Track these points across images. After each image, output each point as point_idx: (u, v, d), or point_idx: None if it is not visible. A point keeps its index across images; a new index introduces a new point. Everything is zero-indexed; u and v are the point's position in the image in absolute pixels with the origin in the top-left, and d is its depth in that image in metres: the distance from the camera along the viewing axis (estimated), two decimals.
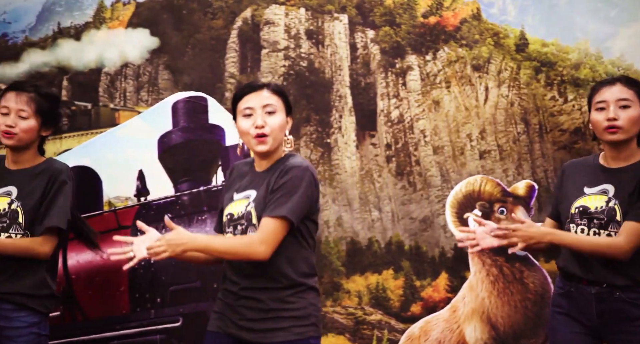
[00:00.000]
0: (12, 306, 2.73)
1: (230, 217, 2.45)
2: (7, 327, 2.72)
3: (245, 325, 2.41)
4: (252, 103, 2.47)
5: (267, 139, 2.45)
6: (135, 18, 4.43)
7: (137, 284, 3.72)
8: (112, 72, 4.53)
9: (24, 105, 2.81)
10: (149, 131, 4.11)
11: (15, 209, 2.74)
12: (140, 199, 4.01)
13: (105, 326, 3.74)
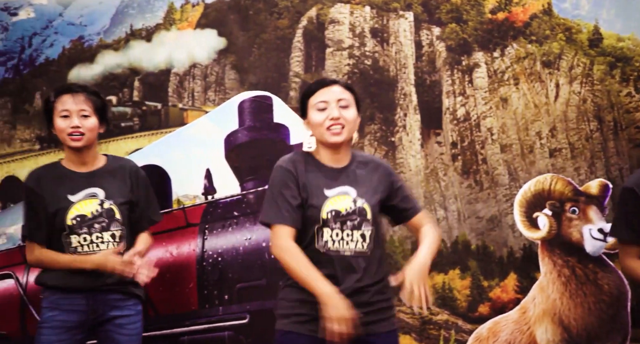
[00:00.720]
0: (121, 295, 2.84)
1: (337, 214, 2.45)
2: (120, 315, 2.82)
3: None
4: (326, 97, 2.51)
5: (342, 130, 2.49)
6: (204, 19, 4.51)
7: (206, 282, 3.77)
8: (181, 72, 4.63)
9: (83, 104, 2.88)
10: (216, 130, 4.18)
11: (110, 207, 2.82)
12: (207, 198, 4.07)
13: (176, 322, 3.81)
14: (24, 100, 5.10)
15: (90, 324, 2.85)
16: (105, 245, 2.82)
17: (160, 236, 3.18)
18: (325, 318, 2.32)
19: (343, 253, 2.49)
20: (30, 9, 5.04)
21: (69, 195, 2.83)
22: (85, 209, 2.81)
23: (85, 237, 2.79)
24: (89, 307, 2.83)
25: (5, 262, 4.60)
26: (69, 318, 2.83)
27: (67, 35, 4.87)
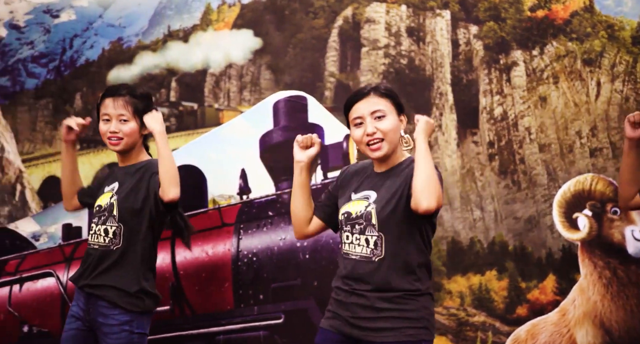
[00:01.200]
0: (107, 303, 2.83)
1: (348, 216, 2.47)
2: (104, 324, 2.82)
3: (358, 324, 2.44)
4: (361, 112, 2.50)
5: (381, 144, 2.47)
6: (240, 19, 4.53)
7: (241, 281, 3.79)
8: (217, 72, 4.66)
9: (122, 109, 2.92)
10: (251, 130, 4.19)
11: (112, 202, 2.86)
12: (242, 197, 4.09)
13: (212, 321, 3.83)
14: (65, 101, 5.19)
15: (89, 323, 2.89)
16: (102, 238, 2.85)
17: (195, 236, 3.19)
18: None
19: (351, 256, 2.48)
20: (72, 11, 5.13)
21: (106, 186, 2.95)
22: (103, 200, 2.88)
23: (93, 227, 2.86)
24: (86, 306, 2.86)
25: (47, 260, 4.69)
26: (77, 310, 2.90)
27: (106, 37, 4.94)
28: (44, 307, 4.48)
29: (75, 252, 4.52)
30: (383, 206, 2.45)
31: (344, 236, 2.49)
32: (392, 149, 2.51)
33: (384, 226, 2.44)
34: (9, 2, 5.87)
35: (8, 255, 4.91)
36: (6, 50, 5.56)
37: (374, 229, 2.44)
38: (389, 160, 2.54)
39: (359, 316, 2.44)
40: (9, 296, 4.69)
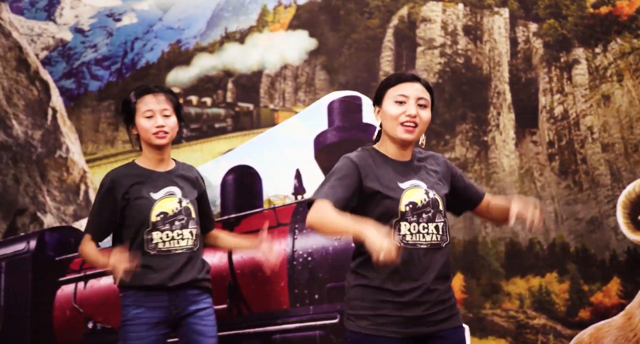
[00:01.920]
0: (197, 290, 2.98)
1: (414, 206, 2.45)
2: (198, 309, 2.97)
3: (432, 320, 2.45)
4: (408, 92, 2.49)
5: (415, 129, 2.48)
6: (295, 20, 4.56)
7: (296, 281, 3.81)
8: (273, 73, 4.69)
9: (165, 104, 2.99)
10: (306, 130, 4.21)
11: (187, 206, 2.92)
12: (297, 198, 4.11)
13: (268, 320, 3.86)
14: None
15: (173, 320, 2.94)
16: (185, 242, 2.90)
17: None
18: (371, 252, 2.24)
19: (420, 246, 2.45)
20: (133, 14, 5.25)
21: (152, 193, 2.92)
22: (167, 206, 2.90)
23: (168, 233, 2.88)
24: (171, 303, 2.91)
25: None
26: (153, 314, 2.93)
27: (166, 39, 5.04)
28: (107, 304, 4.59)
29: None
30: (440, 192, 2.51)
31: (409, 227, 2.45)
32: (417, 139, 2.53)
33: (445, 211, 2.52)
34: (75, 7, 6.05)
35: (73, 253, 5.05)
36: (71, 53, 5.73)
37: (441, 216, 2.47)
38: (408, 150, 2.56)
39: (430, 313, 2.43)
40: (74, 293, 4.82)
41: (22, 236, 5.41)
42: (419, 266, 2.45)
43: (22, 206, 9.74)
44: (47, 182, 9.38)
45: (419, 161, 2.58)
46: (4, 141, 10.69)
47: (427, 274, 2.45)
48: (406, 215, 2.47)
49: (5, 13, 11.23)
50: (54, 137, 9.77)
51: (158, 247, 2.94)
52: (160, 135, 2.95)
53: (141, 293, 2.96)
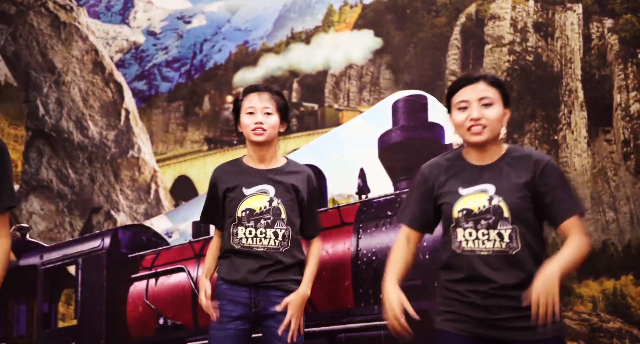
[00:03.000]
0: (280, 292, 2.92)
1: (469, 213, 2.40)
2: (280, 312, 2.91)
3: (499, 324, 2.35)
4: (468, 96, 2.42)
5: (484, 130, 2.40)
6: (361, 20, 4.56)
7: (361, 280, 3.79)
8: (337, 73, 4.71)
9: (267, 102, 3.03)
10: (370, 130, 4.19)
11: (277, 206, 2.94)
12: (361, 197, 4.09)
13: (333, 319, 3.86)
14: (195, 103, 5.43)
15: (254, 317, 2.97)
16: (267, 241, 2.92)
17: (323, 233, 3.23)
18: None
19: (479, 253, 2.41)
20: (202, 16, 5.35)
21: (244, 188, 2.98)
22: (254, 203, 2.94)
23: (251, 230, 2.92)
24: (252, 300, 2.94)
25: (178, 256, 4.89)
26: (233, 308, 2.94)
27: (233, 41, 5.11)
28: (177, 301, 4.67)
29: (204, 248, 4.68)
30: (513, 198, 2.37)
31: (465, 233, 2.40)
32: (492, 138, 2.42)
33: (518, 217, 2.37)
34: (147, 10, 6.20)
35: (145, 250, 5.17)
36: (143, 55, 5.88)
37: (507, 222, 2.36)
38: (491, 150, 2.45)
39: (499, 317, 2.35)
40: (146, 290, 4.92)
41: (97, 234, 5.57)
42: (482, 273, 2.39)
43: (97, 205, 10.07)
44: (120, 181, 9.66)
45: (506, 163, 2.45)
46: (80, 141, 11.06)
47: (493, 280, 2.39)
48: (460, 221, 2.42)
49: (83, 17, 11.61)
50: (126, 138, 10.06)
51: (242, 243, 2.98)
52: (258, 131, 2.99)
53: (226, 285, 3.00)
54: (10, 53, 11.02)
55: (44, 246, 6.02)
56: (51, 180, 10.35)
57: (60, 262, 5.42)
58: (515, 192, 2.37)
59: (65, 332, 5.32)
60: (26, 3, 11.04)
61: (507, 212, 2.36)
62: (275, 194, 2.91)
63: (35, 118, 10.91)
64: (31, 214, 10.16)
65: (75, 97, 10.72)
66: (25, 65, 11.06)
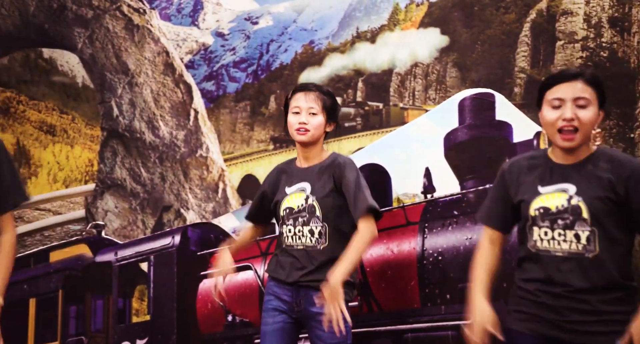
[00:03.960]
0: (319, 293, 2.89)
1: (546, 211, 2.36)
2: (319, 313, 2.89)
3: (570, 327, 2.32)
4: (564, 94, 2.34)
5: (575, 135, 2.33)
6: (427, 18, 4.52)
7: (427, 280, 3.76)
8: (403, 72, 4.67)
9: (313, 103, 3.03)
10: (436, 128, 4.15)
11: (312, 204, 2.95)
12: (426, 196, 4.05)
13: (399, 319, 3.84)
14: (261, 103, 5.49)
15: (297, 315, 2.98)
16: (305, 239, 2.93)
17: (380, 234, 3.22)
18: None
19: (554, 254, 2.35)
20: (269, 17, 5.41)
21: (287, 187, 3.01)
22: (294, 202, 2.96)
23: (291, 229, 2.94)
24: (293, 299, 2.96)
25: (245, 254, 4.96)
26: (279, 304, 3.00)
27: (299, 41, 5.15)
28: (245, 298, 4.74)
29: (270, 247, 4.74)
30: (594, 199, 2.31)
31: (540, 232, 2.36)
32: (583, 142, 2.36)
33: (598, 220, 2.31)
34: (216, 12, 6.31)
35: (213, 248, 5.26)
36: (212, 56, 5.99)
37: (585, 224, 2.31)
38: (578, 150, 2.39)
39: (571, 320, 2.31)
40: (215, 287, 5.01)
41: (168, 232, 5.71)
42: (555, 274, 2.34)
43: (168, 203, 10.31)
44: (189, 180, 9.87)
45: (593, 164, 2.38)
46: (152, 141, 11.34)
47: (567, 283, 2.33)
48: (536, 220, 2.38)
49: (155, 20, 11.91)
50: (195, 138, 10.27)
51: (285, 242, 3.02)
52: (301, 131, 3.01)
53: (273, 282, 3.05)
54: (88, 56, 11.39)
55: (118, 243, 6.20)
56: (124, 179, 10.65)
57: (134, 259, 5.57)
58: (597, 193, 2.30)
59: (139, 327, 5.47)
60: (102, 7, 11.39)
61: (587, 214, 2.29)
62: (311, 191, 2.93)
63: (109, 118, 11.25)
64: (106, 212, 10.47)
65: (147, 98, 11.00)
66: (100, 67, 11.41)
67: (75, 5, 11.36)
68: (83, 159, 11.43)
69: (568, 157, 2.39)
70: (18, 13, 11.49)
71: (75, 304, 6.00)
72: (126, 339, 5.46)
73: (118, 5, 11.55)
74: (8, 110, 11.17)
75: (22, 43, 11.44)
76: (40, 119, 11.31)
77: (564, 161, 2.39)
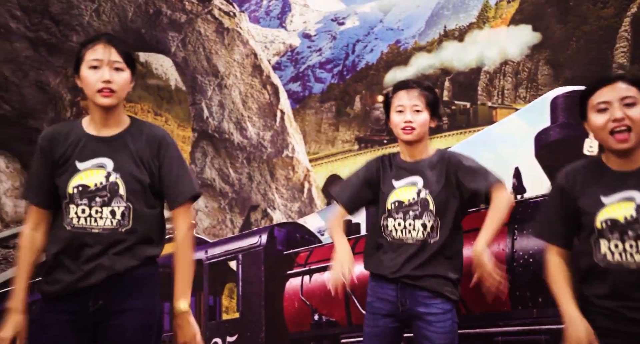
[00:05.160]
0: (428, 293, 2.85)
1: (614, 223, 2.26)
2: (427, 313, 2.85)
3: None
4: (608, 96, 2.27)
5: (628, 135, 2.23)
6: (519, 15, 4.41)
7: (517, 282, 3.67)
8: (492, 70, 4.57)
9: (416, 100, 3.00)
10: (526, 128, 4.04)
11: (425, 197, 2.92)
12: (516, 197, 3.96)
13: (488, 322, 3.76)
14: (346, 103, 5.49)
15: (402, 316, 2.94)
16: (417, 232, 2.88)
17: (466, 235, 3.16)
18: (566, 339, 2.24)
19: (627, 267, 2.24)
20: (355, 17, 5.41)
21: (394, 180, 2.97)
22: (404, 195, 2.91)
23: (400, 222, 2.90)
24: (398, 298, 2.92)
25: (330, 254, 4.98)
26: (381, 305, 2.91)
27: (385, 40, 5.13)
28: (330, 298, 4.75)
29: (355, 247, 4.73)
30: None
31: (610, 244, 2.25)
32: (638, 143, 2.23)
33: None
34: (303, 13, 6.36)
35: (299, 248, 5.30)
36: (298, 58, 6.04)
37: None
38: (635, 155, 2.27)
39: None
40: (301, 286, 5.05)
41: (255, 231, 5.80)
42: (631, 288, 2.23)
43: (255, 203, 10.48)
44: (276, 180, 9.98)
45: None
46: (240, 142, 11.56)
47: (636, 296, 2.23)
48: (604, 232, 2.26)
49: (244, 23, 12.14)
50: (281, 138, 10.38)
51: (392, 234, 2.99)
52: (407, 130, 2.99)
53: (375, 281, 2.99)
54: (180, 59, 11.72)
55: (208, 242, 6.35)
56: (214, 179, 10.90)
57: (223, 257, 5.69)
58: None
59: (229, 324, 5.58)
60: (195, 11, 11.70)
61: None
62: (423, 185, 2.88)
63: (200, 120, 11.53)
64: (197, 212, 10.75)
65: (235, 99, 11.21)
66: (192, 70, 11.72)
67: (170, 10, 11.71)
68: None
69: (625, 162, 2.28)
70: (117, 19, 11.95)
71: (168, 301, 6.17)
72: (217, 336, 5.58)
73: (210, 9, 11.84)
74: None
75: None
76: None
77: (622, 167, 2.29)
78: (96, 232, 2.33)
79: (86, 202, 2.34)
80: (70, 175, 2.35)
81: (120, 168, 2.36)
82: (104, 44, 2.39)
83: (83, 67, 2.38)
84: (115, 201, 2.35)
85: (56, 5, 11.54)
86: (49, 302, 2.37)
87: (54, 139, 2.40)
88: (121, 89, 2.39)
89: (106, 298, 2.36)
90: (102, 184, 2.36)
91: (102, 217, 2.34)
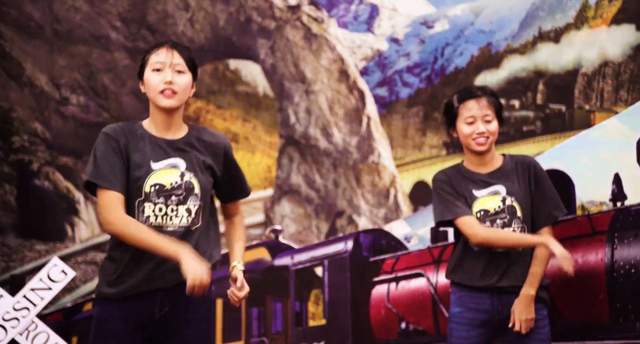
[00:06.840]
0: None
1: None
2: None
3: None
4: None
5: (487, 141, 2.36)
6: (621, 14, 4.21)
7: (618, 294, 3.49)
8: (590, 72, 4.39)
9: (487, 109, 2.93)
10: (627, 132, 3.85)
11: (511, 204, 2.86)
12: (616, 204, 3.78)
13: (584, 334, 3.61)
14: (434, 108, 5.40)
15: (497, 325, 2.86)
16: None
17: (563, 243, 3.02)
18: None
19: None
20: (445, 20, 5.32)
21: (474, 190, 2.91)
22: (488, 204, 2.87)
23: None
24: (494, 307, 2.84)
25: (417, 262, 4.90)
26: (475, 315, 2.86)
27: (476, 43, 5.01)
28: (417, 306, 4.68)
29: (443, 254, 4.63)
30: None
31: None
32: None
33: None
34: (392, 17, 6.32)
35: (385, 255, 5.24)
36: (386, 62, 6.00)
37: None
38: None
39: None
40: (387, 294, 5.00)
41: (340, 237, 5.78)
42: None
43: (340, 209, 10.49)
44: (361, 186, 9.97)
45: None
46: (326, 147, 11.61)
47: None
48: None
49: (332, 28, 12.20)
50: (367, 144, 10.37)
51: None
52: (480, 141, 2.93)
53: (465, 291, 2.93)
54: (269, 65, 11.90)
55: (294, 248, 6.38)
56: (300, 185, 10.98)
57: (309, 263, 5.70)
58: None
59: (316, 331, 5.58)
60: (284, 18, 11.86)
61: None
62: (507, 192, 2.84)
63: (287, 126, 11.65)
64: (283, 217, 10.84)
65: (322, 105, 11.28)
66: (280, 76, 11.87)
67: (260, 17, 11.91)
68: (262, 166, 11.93)
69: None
70: (209, 27, 12.25)
71: (257, 306, 6.24)
72: (304, 342, 5.59)
73: (299, 15, 11.97)
74: (198, 119, 11.93)
75: (212, 55, 12.18)
76: (225, 127, 11.96)
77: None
78: (171, 231, 2.36)
79: (163, 200, 2.37)
80: (146, 174, 2.38)
81: (193, 168, 2.40)
82: (167, 48, 2.45)
83: (146, 71, 2.44)
84: (191, 200, 2.39)
85: (153, 16, 11.93)
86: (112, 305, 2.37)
87: (123, 136, 2.42)
88: (183, 91, 2.42)
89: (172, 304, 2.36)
90: (177, 183, 2.39)
91: (178, 216, 2.37)
